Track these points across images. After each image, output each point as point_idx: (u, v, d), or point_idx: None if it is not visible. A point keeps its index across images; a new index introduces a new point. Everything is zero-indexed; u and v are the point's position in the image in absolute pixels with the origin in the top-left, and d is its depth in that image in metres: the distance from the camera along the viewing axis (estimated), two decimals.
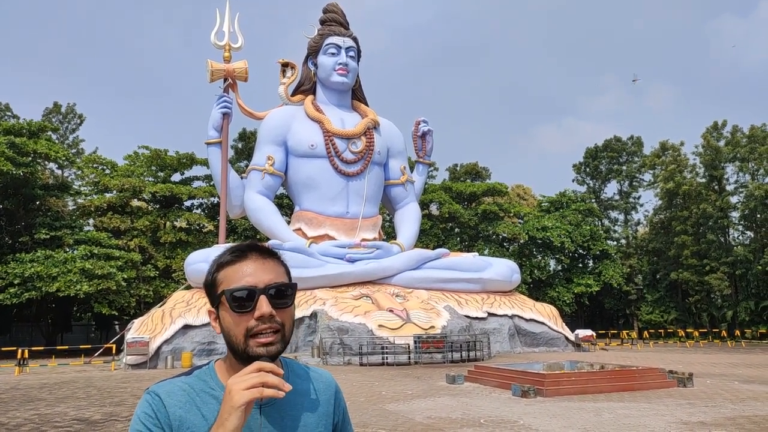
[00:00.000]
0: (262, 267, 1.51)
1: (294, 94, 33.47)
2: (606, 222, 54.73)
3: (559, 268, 49.86)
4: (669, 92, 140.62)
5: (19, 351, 23.88)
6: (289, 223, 33.10)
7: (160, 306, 27.87)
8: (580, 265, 49.94)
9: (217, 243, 32.33)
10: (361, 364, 22.52)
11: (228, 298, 1.48)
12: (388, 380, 17.28)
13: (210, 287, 1.55)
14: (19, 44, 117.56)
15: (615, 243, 53.18)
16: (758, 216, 43.16)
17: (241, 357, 1.48)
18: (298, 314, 25.98)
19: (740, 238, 47.37)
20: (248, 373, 1.36)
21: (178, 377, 1.55)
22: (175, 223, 42.00)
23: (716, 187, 45.63)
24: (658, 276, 49.31)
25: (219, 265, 1.54)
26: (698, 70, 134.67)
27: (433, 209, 48.59)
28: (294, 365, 1.65)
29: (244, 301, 1.47)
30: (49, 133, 41.71)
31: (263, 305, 1.47)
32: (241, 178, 33.12)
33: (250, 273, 1.50)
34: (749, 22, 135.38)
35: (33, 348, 29.02)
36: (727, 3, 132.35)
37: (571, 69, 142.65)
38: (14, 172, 33.89)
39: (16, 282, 31.20)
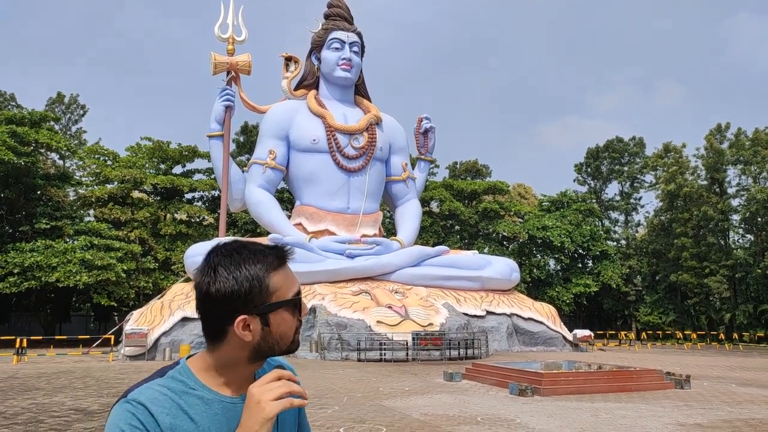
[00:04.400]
0: (291, 268, 1.54)
1: (297, 88, 33.42)
2: (606, 222, 54.70)
3: (559, 267, 49.85)
4: (678, 91, 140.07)
5: (18, 340, 23.92)
6: (289, 217, 33.10)
7: (160, 298, 27.90)
8: (580, 265, 49.93)
9: (218, 236, 32.32)
10: (359, 360, 22.55)
11: (293, 305, 1.47)
12: (385, 376, 17.30)
13: (256, 294, 1.42)
14: (24, 35, 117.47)
15: (615, 244, 53.16)
16: (759, 219, 43.12)
17: (268, 355, 1.47)
18: None
19: (740, 241, 47.36)
20: (270, 381, 1.35)
21: (151, 381, 1.43)
22: (175, 215, 42.01)
23: (717, 190, 45.57)
24: (657, 277, 49.29)
25: (267, 272, 1.45)
26: (711, 69, 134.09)
27: (434, 206, 48.57)
28: (269, 359, 1.63)
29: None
30: (51, 123, 41.66)
31: (305, 306, 1.55)
32: (243, 171, 33.10)
33: (294, 277, 1.50)
34: (766, 20, 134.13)
35: (31, 337, 29.05)
36: (745, 0, 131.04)
37: (577, 66, 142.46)
38: (15, 162, 33.87)
39: (15, 271, 31.21)
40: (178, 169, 44.18)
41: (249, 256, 1.45)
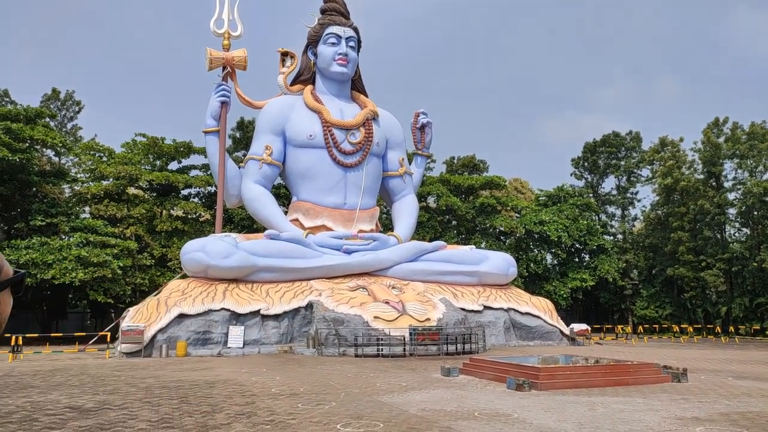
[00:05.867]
0: None
1: (293, 83, 33.29)
2: (603, 217, 54.79)
3: (556, 262, 49.93)
4: (677, 85, 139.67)
5: (13, 338, 23.83)
6: (286, 213, 33.02)
7: (156, 295, 27.81)
8: (576, 259, 50.02)
9: (214, 232, 32.22)
10: (356, 356, 22.54)
11: (11, 286, 1.46)
12: (382, 372, 17.29)
13: None
14: (19, 30, 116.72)
15: (611, 238, 53.26)
16: (755, 213, 43.23)
17: None
18: (294, 304, 25.97)
19: (736, 235, 47.48)
20: None
21: None
22: (171, 211, 41.86)
23: (714, 184, 45.66)
24: (653, 271, 49.43)
25: None
26: (709, 63, 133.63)
27: (431, 201, 48.55)
28: None
29: None
30: (47, 119, 41.43)
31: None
32: (239, 167, 32.99)
33: (2, 257, 1.52)
34: (766, 14, 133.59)
35: (27, 335, 28.95)
36: None
37: (575, 61, 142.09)
38: (10, 158, 33.68)
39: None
40: (173, 166, 44.02)
41: None
